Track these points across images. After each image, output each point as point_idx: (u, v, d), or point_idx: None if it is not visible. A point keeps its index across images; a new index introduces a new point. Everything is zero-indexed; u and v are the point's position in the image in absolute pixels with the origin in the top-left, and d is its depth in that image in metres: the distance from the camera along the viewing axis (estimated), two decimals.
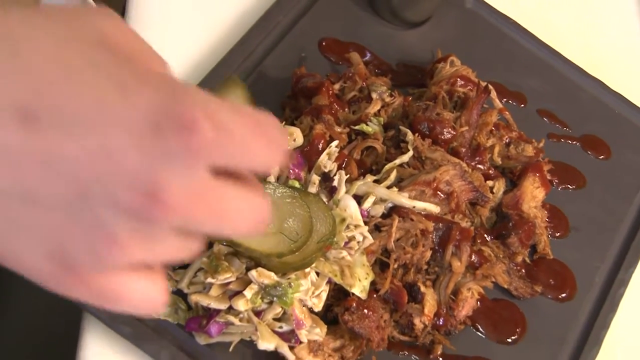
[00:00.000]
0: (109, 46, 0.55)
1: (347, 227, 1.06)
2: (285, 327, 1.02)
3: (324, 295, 1.05)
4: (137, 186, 0.51)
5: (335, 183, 1.09)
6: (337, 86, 1.25)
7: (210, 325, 1.01)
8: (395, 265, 1.09)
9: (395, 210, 1.11)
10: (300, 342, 1.03)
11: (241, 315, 1.01)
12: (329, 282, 1.06)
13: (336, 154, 1.12)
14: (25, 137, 0.51)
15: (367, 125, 1.19)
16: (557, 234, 1.29)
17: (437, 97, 1.24)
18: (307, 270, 1.03)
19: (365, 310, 1.05)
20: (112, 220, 0.52)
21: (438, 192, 1.13)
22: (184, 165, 0.52)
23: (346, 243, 1.06)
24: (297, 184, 1.08)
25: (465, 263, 1.11)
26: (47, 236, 0.53)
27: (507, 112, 1.33)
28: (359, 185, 1.10)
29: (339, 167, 1.11)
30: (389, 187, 1.12)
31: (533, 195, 1.24)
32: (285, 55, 1.30)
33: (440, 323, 1.11)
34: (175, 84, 0.55)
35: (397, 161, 1.15)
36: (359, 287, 1.06)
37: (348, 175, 1.10)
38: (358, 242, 1.07)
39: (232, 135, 0.54)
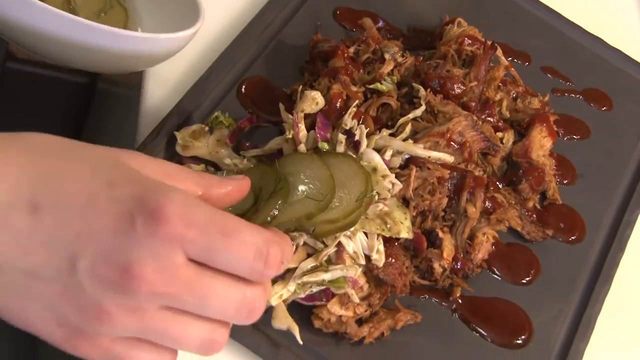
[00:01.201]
0: (116, 162, 0.62)
1: (376, 182, 1.02)
2: (316, 289, 0.98)
3: (382, 248, 1.00)
4: (112, 262, 0.56)
5: (357, 137, 1.03)
6: (351, 49, 1.20)
7: None
8: (414, 213, 1.04)
9: (412, 160, 1.05)
10: (333, 296, 0.98)
11: None
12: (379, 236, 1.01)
13: (354, 112, 1.07)
14: (31, 223, 0.58)
15: (381, 84, 1.14)
16: (565, 181, 1.23)
17: (446, 56, 1.18)
18: (352, 229, 0.99)
19: (389, 258, 1.00)
20: (97, 292, 0.57)
21: (451, 143, 1.07)
22: (153, 249, 0.57)
23: (378, 196, 1.02)
24: (326, 146, 1.04)
25: (480, 208, 1.06)
26: (50, 305, 0.59)
27: (512, 69, 1.27)
28: (376, 139, 1.05)
29: (358, 123, 1.06)
30: (404, 140, 1.07)
31: (541, 144, 1.18)
32: (302, 24, 1.25)
33: (458, 267, 1.06)
34: (159, 184, 0.61)
35: (411, 115, 1.09)
36: (404, 229, 1.02)
37: (368, 129, 1.05)
38: (389, 189, 1.02)
39: (202, 231, 0.59)
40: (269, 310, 0.97)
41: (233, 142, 1.08)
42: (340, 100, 1.08)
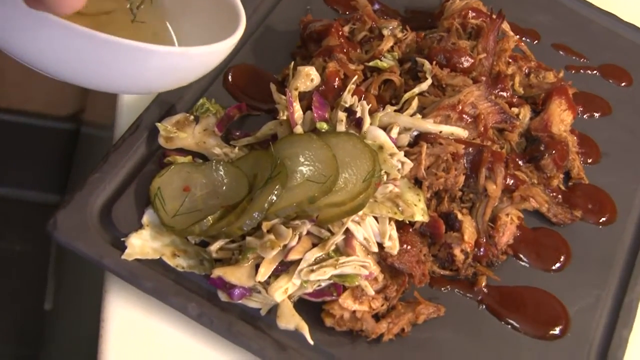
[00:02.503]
0: None
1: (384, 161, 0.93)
2: (325, 283, 0.88)
3: (395, 234, 0.91)
4: None
5: (359, 114, 0.94)
6: (346, 28, 1.11)
7: (235, 289, 0.87)
8: (429, 195, 0.95)
9: (421, 137, 0.96)
10: (344, 289, 0.88)
11: None
12: (391, 220, 0.92)
13: (353, 89, 0.98)
14: None
15: (381, 61, 1.05)
16: (589, 160, 1.14)
17: (450, 30, 1.10)
18: (360, 213, 0.89)
19: (404, 245, 0.90)
20: None
21: (464, 116, 0.98)
22: None
23: (387, 176, 0.93)
24: (325, 126, 0.95)
25: (501, 186, 0.96)
26: None
27: (522, 44, 1.19)
28: (380, 117, 0.96)
29: (359, 100, 0.97)
30: (411, 116, 0.97)
31: (561, 118, 1.09)
32: (291, 9, 1.17)
33: (481, 253, 0.96)
34: None
35: (416, 89, 1.00)
36: (419, 212, 0.93)
37: (370, 105, 0.96)
38: (398, 169, 0.93)
39: None
40: (273, 310, 0.88)
41: (222, 131, 0.99)
42: (337, 78, 0.99)
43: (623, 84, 1.26)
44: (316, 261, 0.86)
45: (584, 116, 1.19)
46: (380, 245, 0.90)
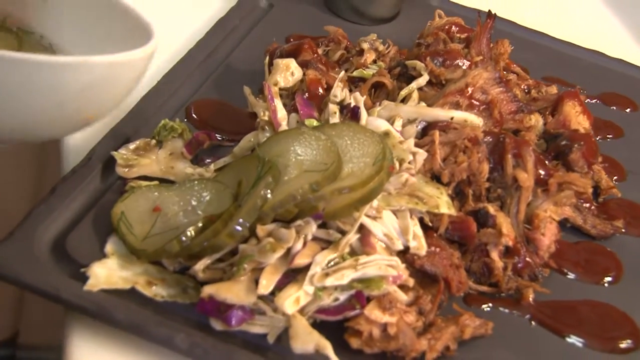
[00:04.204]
0: None
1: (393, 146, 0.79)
2: (344, 295, 0.71)
3: (419, 231, 0.76)
4: None
5: (353, 103, 0.81)
6: (320, 50, 0.99)
7: (232, 312, 0.70)
8: (450, 190, 0.80)
9: (430, 127, 0.82)
10: (369, 301, 0.71)
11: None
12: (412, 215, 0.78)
13: (341, 86, 0.86)
14: None
15: (365, 70, 0.93)
16: (615, 178, 1.02)
17: (436, 39, 0.99)
18: (375, 204, 0.75)
19: (432, 247, 0.75)
20: None
21: (474, 102, 0.85)
22: None
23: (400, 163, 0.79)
24: (315, 123, 0.82)
25: (533, 173, 0.82)
26: None
27: (514, 65, 1.08)
28: (379, 111, 0.83)
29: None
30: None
31: (578, 120, 0.97)
32: (253, 48, 1.08)
33: (522, 264, 0.81)
34: None
35: (414, 85, 0.88)
36: (444, 204, 0.79)
37: (364, 97, 0.83)
38: (409, 161, 0.78)
39: None
40: (284, 337, 0.70)
41: (191, 154, 0.85)
42: (319, 86, 0.87)
43: (628, 110, 1.17)
44: (330, 266, 0.70)
45: (598, 138, 1.08)
46: (404, 250, 0.74)
